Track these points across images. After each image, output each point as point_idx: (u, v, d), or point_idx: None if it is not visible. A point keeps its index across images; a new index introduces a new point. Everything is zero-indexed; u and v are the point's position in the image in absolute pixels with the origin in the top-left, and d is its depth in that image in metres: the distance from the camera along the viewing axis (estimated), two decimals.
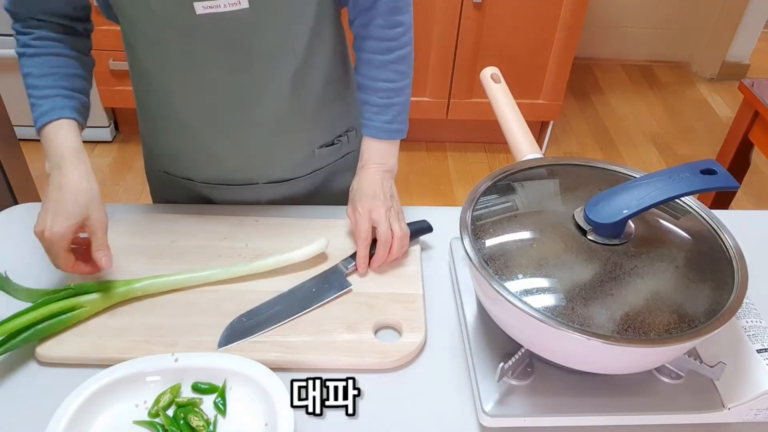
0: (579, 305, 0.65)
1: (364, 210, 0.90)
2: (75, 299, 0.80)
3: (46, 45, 0.85)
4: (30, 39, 0.85)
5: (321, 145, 1.01)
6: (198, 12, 0.80)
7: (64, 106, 0.83)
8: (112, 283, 0.83)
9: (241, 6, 0.80)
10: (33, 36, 0.85)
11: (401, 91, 0.95)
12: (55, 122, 0.82)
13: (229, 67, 0.87)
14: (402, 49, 0.93)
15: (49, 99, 0.83)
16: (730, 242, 0.74)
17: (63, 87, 0.84)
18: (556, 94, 2.53)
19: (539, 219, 0.77)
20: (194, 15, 0.80)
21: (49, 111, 0.82)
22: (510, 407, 0.71)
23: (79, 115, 0.84)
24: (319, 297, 0.85)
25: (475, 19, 2.32)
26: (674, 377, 0.74)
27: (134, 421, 0.70)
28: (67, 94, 0.84)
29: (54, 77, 0.84)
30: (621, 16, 3.32)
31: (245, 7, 0.81)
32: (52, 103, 0.82)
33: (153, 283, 0.84)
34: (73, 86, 0.86)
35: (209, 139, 0.96)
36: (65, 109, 0.82)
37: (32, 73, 0.85)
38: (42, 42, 0.85)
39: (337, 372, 0.77)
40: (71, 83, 0.86)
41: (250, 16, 0.82)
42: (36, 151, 2.72)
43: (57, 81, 0.84)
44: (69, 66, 0.86)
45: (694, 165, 0.70)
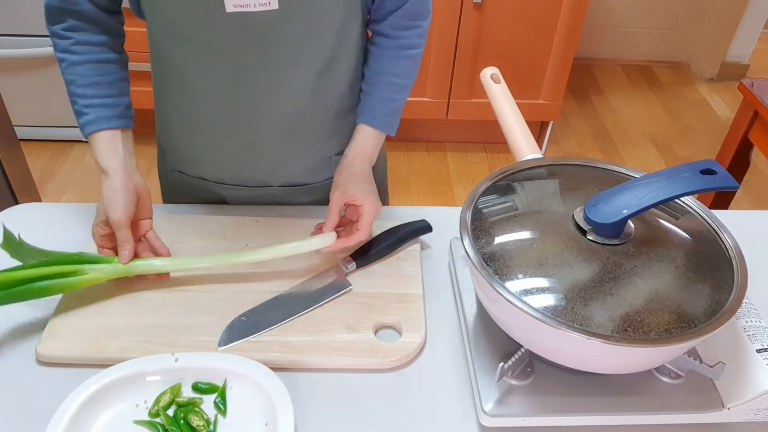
0: (579, 305, 0.65)
1: (372, 207, 0.90)
2: (79, 265, 0.81)
3: (86, 51, 0.87)
4: (70, 44, 0.87)
5: (338, 153, 1.02)
6: (228, 10, 0.81)
7: (107, 116, 0.87)
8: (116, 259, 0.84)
9: (271, 7, 0.81)
10: (73, 41, 0.87)
11: (404, 90, 0.97)
12: (97, 133, 0.87)
13: (253, 66, 0.87)
14: (414, 50, 0.96)
15: (93, 108, 0.87)
16: (730, 242, 0.74)
17: (106, 96, 0.88)
18: (556, 94, 2.53)
19: (539, 219, 0.77)
20: (223, 12, 0.81)
21: (93, 121, 0.87)
22: (510, 407, 0.71)
23: (122, 120, 0.89)
24: (319, 297, 0.85)
25: (475, 19, 2.32)
26: (674, 377, 0.74)
27: (134, 421, 0.71)
28: (110, 102, 0.88)
29: (97, 86, 0.88)
30: (621, 16, 3.32)
31: (275, 8, 0.82)
32: (97, 113, 0.87)
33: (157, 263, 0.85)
34: (114, 92, 0.89)
35: (226, 138, 0.96)
36: (108, 120, 0.87)
37: (76, 82, 0.87)
38: (82, 48, 0.87)
39: (337, 372, 0.78)
40: (113, 90, 0.89)
41: (277, 16, 0.83)
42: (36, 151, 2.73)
43: (100, 90, 0.88)
44: (110, 72, 0.89)
45: (693, 165, 0.70)
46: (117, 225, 0.83)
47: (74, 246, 0.91)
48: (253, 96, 0.90)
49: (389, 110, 0.96)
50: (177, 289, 0.86)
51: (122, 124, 0.88)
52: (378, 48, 0.95)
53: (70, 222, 0.97)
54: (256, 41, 0.85)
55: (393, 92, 0.96)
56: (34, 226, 0.93)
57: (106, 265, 0.83)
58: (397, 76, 0.95)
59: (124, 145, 0.88)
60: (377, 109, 0.96)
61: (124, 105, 0.90)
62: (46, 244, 0.84)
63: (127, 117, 0.90)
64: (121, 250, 0.83)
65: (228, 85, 0.90)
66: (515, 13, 2.32)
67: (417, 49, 0.96)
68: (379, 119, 0.96)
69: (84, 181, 2.44)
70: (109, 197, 0.84)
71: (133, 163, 0.89)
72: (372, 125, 0.96)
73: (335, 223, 0.90)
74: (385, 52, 0.95)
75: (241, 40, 0.85)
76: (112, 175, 0.85)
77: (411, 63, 0.96)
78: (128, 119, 0.90)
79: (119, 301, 0.83)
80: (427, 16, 0.95)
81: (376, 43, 0.95)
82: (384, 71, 0.95)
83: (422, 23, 0.95)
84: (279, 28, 0.84)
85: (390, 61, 0.95)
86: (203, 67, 0.89)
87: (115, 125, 0.88)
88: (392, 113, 0.97)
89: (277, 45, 0.86)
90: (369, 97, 0.96)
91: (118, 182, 0.85)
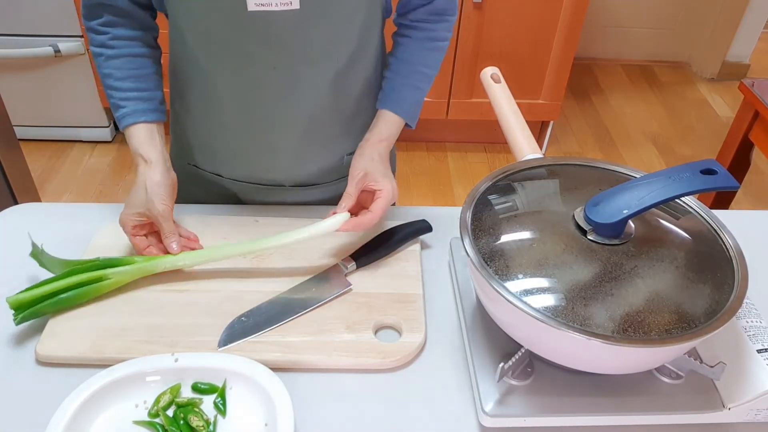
0: (579, 305, 0.65)
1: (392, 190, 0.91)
2: (101, 271, 0.82)
3: (123, 45, 0.89)
4: (107, 39, 0.89)
5: (350, 153, 1.02)
6: (249, 8, 0.82)
7: (144, 109, 0.90)
8: (137, 259, 0.85)
9: (293, 6, 0.82)
10: (110, 36, 0.89)
11: (429, 80, 0.99)
12: (135, 125, 0.89)
13: (273, 64, 0.88)
14: (442, 42, 0.98)
15: (130, 101, 0.89)
16: (730, 242, 0.74)
17: (141, 89, 0.90)
18: (556, 94, 2.53)
19: (539, 219, 0.77)
20: (245, 11, 0.82)
21: (130, 114, 0.89)
22: (510, 407, 0.71)
23: (157, 114, 0.91)
24: (319, 297, 0.85)
25: (475, 19, 2.32)
26: (674, 377, 0.74)
27: (134, 421, 0.70)
28: (146, 96, 0.90)
29: (133, 80, 0.90)
30: (621, 16, 3.32)
31: (296, 8, 0.82)
32: (134, 107, 0.89)
33: (177, 259, 0.85)
34: (149, 86, 0.91)
35: (244, 137, 0.97)
36: (145, 113, 0.90)
37: (113, 75, 0.89)
38: (119, 42, 0.89)
39: (337, 372, 0.77)
40: (148, 83, 0.91)
41: (299, 16, 0.83)
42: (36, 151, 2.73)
43: (136, 83, 0.90)
44: (145, 66, 0.92)
45: (694, 165, 0.70)
46: (163, 217, 0.85)
47: (74, 246, 0.91)
48: (273, 95, 0.91)
49: (415, 99, 0.98)
50: (177, 289, 0.86)
51: (157, 117, 0.90)
52: (407, 39, 0.97)
53: (70, 222, 0.97)
54: (278, 41, 0.85)
55: (420, 81, 0.97)
56: (33, 226, 0.93)
57: (127, 267, 0.83)
58: (425, 66, 0.97)
59: (161, 139, 0.90)
60: (404, 97, 0.96)
61: (159, 99, 0.92)
62: (46, 244, 0.85)
63: (161, 111, 0.92)
64: (170, 242, 0.86)
65: (249, 84, 0.90)
66: (515, 13, 2.32)
67: (444, 42, 0.98)
68: (404, 107, 0.96)
69: (83, 181, 2.44)
70: (153, 190, 0.86)
71: (167, 156, 0.90)
72: (397, 112, 0.96)
73: (352, 203, 0.90)
74: (414, 42, 0.96)
75: (263, 39, 0.85)
76: (155, 168, 0.87)
77: (439, 54, 0.98)
78: (162, 113, 0.92)
79: (119, 301, 0.83)
80: (454, 12, 0.97)
81: (405, 34, 0.97)
82: (413, 60, 0.96)
83: (450, 18, 0.97)
84: (301, 29, 0.85)
85: (419, 51, 0.96)
86: (225, 66, 0.89)
87: (152, 118, 0.90)
88: (417, 103, 0.98)
89: (298, 45, 0.86)
90: (395, 85, 0.97)
91: (160, 175, 0.87)
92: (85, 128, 2.59)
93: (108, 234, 0.93)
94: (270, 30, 0.84)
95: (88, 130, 2.60)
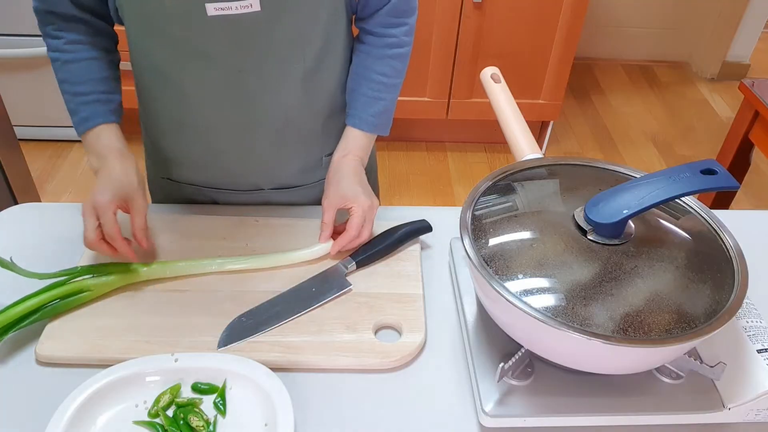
0: (579, 305, 0.65)
1: (365, 206, 0.90)
2: (81, 282, 0.81)
3: (78, 50, 0.88)
4: (62, 44, 0.87)
5: (329, 154, 1.01)
6: (209, 14, 0.81)
7: (103, 111, 0.87)
8: (119, 267, 0.84)
9: (253, 9, 0.81)
10: (64, 40, 0.87)
11: (392, 89, 0.96)
12: (95, 128, 0.87)
13: (239, 68, 0.87)
14: (401, 48, 0.94)
15: (88, 105, 0.87)
16: (730, 242, 0.74)
17: (99, 92, 0.88)
18: (556, 94, 2.53)
19: (539, 219, 0.77)
20: (206, 16, 0.81)
21: (89, 117, 0.87)
22: (510, 407, 0.71)
23: (116, 115, 0.89)
24: (319, 297, 0.85)
25: (475, 19, 2.32)
26: (674, 377, 0.74)
27: (134, 421, 0.70)
28: (104, 98, 0.88)
29: (90, 83, 0.88)
30: (621, 16, 3.32)
31: (257, 10, 0.81)
32: (92, 109, 0.87)
33: (158, 268, 0.85)
34: (107, 89, 0.89)
35: (216, 141, 0.96)
36: (105, 114, 0.87)
37: (68, 80, 0.88)
38: (74, 47, 0.88)
39: (337, 372, 0.77)
40: (105, 86, 0.89)
41: (261, 18, 0.82)
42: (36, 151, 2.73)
43: (93, 87, 0.88)
44: (101, 69, 0.89)
45: (694, 165, 0.70)
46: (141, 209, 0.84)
47: (74, 246, 0.91)
48: (243, 98, 0.90)
49: (377, 110, 0.95)
50: (177, 289, 0.86)
51: (116, 119, 0.88)
52: (365, 46, 0.95)
53: (70, 222, 0.97)
54: (243, 43, 0.85)
55: (380, 91, 0.95)
56: (33, 226, 0.93)
57: (108, 276, 0.83)
58: (384, 75, 0.94)
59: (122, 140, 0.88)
60: (363, 110, 0.95)
61: (118, 102, 0.90)
62: (46, 243, 0.85)
63: (119, 114, 0.90)
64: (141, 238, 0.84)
65: (217, 88, 0.89)
66: (515, 13, 2.32)
67: (405, 48, 0.95)
68: (365, 120, 0.95)
69: (83, 181, 2.44)
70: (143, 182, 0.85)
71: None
72: (358, 127, 0.95)
73: (329, 232, 0.90)
74: (372, 50, 0.94)
75: (228, 42, 0.84)
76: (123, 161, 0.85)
77: (399, 62, 0.95)
78: (120, 116, 0.90)
79: (119, 301, 0.83)
80: (413, 13, 0.94)
81: (364, 41, 0.95)
82: (370, 70, 0.94)
83: (408, 20, 0.94)
84: (265, 30, 0.84)
85: (377, 60, 0.94)
86: (192, 72, 0.88)
87: (112, 119, 0.88)
88: (381, 113, 0.96)
89: (264, 47, 0.85)
90: (355, 97, 0.96)
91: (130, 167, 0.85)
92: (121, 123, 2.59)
93: None
94: (233, 33, 0.83)
95: None
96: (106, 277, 0.83)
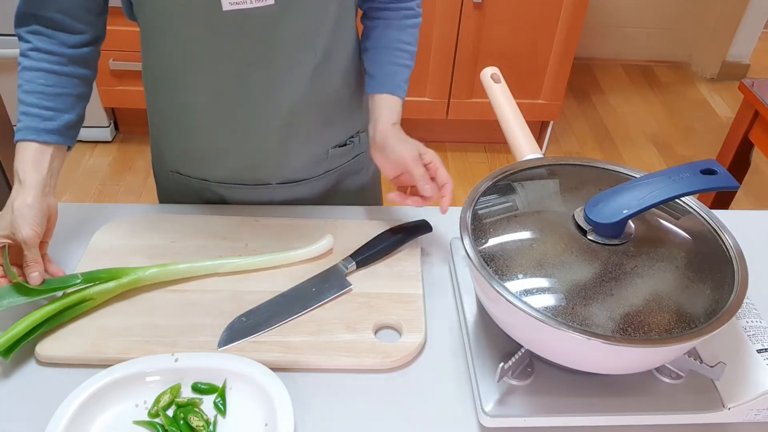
0: (579, 305, 0.65)
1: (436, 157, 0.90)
2: (83, 293, 0.80)
3: (39, 58, 0.84)
4: (27, 49, 0.85)
5: (334, 146, 1.02)
6: (225, 8, 0.81)
7: (38, 129, 0.82)
8: (121, 271, 0.83)
9: (267, 3, 0.82)
10: (30, 46, 0.85)
11: (412, 58, 0.99)
12: (24, 143, 0.82)
13: (250, 62, 0.87)
14: (416, 18, 0.99)
15: (28, 117, 0.83)
16: (730, 242, 0.74)
17: (45, 108, 0.83)
18: (556, 94, 2.53)
19: (539, 219, 0.77)
20: (220, 11, 0.81)
21: (24, 129, 0.82)
22: (510, 407, 0.71)
23: (55, 136, 0.84)
24: (319, 297, 0.85)
25: (475, 19, 2.32)
26: (674, 377, 0.74)
27: (134, 421, 0.70)
28: (48, 115, 0.83)
29: (39, 96, 0.83)
30: (621, 16, 3.32)
31: (270, 4, 0.82)
32: (29, 123, 0.82)
33: (161, 271, 0.84)
34: (58, 106, 0.85)
35: (224, 136, 0.96)
36: (39, 132, 0.82)
37: (21, 87, 0.84)
38: (36, 54, 0.84)
39: (337, 372, 0.77)
40: (56, 103, 0.85)
41: (274, 12, 0.83)
42: None
43: (40, 100, 0.83)
44: (61, 85, 0.85)
45: (694, 165, 0.70)
46: (28, 244, 0.78)
47: (73, 246, 0.92)
48: (251, 93, 0.90)
49: (406, 77, 0.98)
50: (177, 289, 0.86)
51: (55, 140, 0.83)
52: (382, 21, 0.97)
53: (70, 222, 0.97)
54: (255, 38, 0.85)
55: (405, 59, 0.98)
56: None
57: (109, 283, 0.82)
58: (408, 44, 0.98)
59: (51, 163, 0.83)
60: (397, 77, 0.97)
61: (66, 122, 0.85)
62: None
63: (64, 135, 0.85)
64: (31, 271, 0.78)
65: (227, 83, 0.90)
66: (515, 13, 2.32)
67: (418, 18, 0.99)
68: (398, 86, 0.96)
69: (83, 181, 2.44)
70: (21, 212, 0.78)
71: (53, 183, 0.84)
72: (394, 93, 0.96)
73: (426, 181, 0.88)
74: (391, 22, 0.97)
75: (240, 37, 0.85)
76: (28, 191, 0.80)
77: (414, 30, 0.99)
78: (65, 137, 0.85)
79: (119, 301, 0.83)
80: None
81: (381, 17, 0.97)
82: (395, 40, 0.97)
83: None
84: (277, 24, 0.85)
85: (399, 31, 0.97)
86: (202, 67, 0.88)
87: (45, 139, 0.82)
88: (406, 80, 0.98)
89: (275, 41, 0.86)
90: (383, 67, 0.96)
91: (33, 197, 0.79)
92: (84, 128, 2.56)
93: (107, 234, 0.93)
94: (245, 27, 0.84)
95: (88, 130, 2.59)
96: (107, 284, 0.82)
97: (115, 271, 0.84)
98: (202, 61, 0.88)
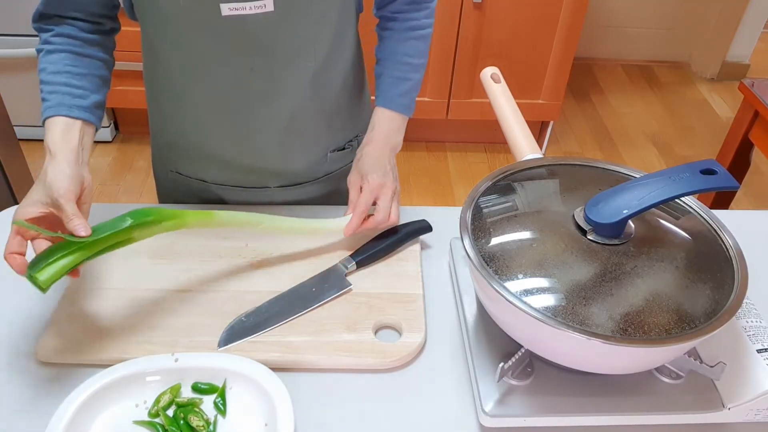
0: (579, 305, 0.65)
1: (373, 184, 0.90)
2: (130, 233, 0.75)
3: (64, 42, 0.85)
4: (50, 36, 0.85)
5: (333, 149, 1.02)
6: (224, 13, 0.81)
7: (69, 104, 0.81)
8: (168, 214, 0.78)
9: (266, 9, 0.82)
10: (53, 33, 0.85)
11: (418, 69, 0.98)
12: (54, 118, 0.80)
13: (250, 67, 0.87)
14: (424, 30, 0.98)
15: (57, 95, 0.82)
16: (730, 242, 0.74)
17: (74, 86, 0.83)
18: (556, 94, 2.53)
19: (539, 219, 0.77)
20: (220, 16, 0.81)
21: (55, 105, 0.81)
22: (510, 407, 0.71)
23: (86, 113, 0.83)
24: (319, 297, 0.85)
25: (475, 19, 2.32)
26: (674, 377, 0.74)
27: (134, 421, 0.71)
28: (78, 93, 0.83)
29: (67, 75, 0.83)
30: (621, 16, 3.32)
31: (270, 10, 0.82)
32: (58, 99, 0.81)
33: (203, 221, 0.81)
34: (84, 84, 0.84)
35: (223, 139, 0.97)
36: (70, 108, 0.81)
37: (46, 69, 0.84)
38: (60, 39, 0.85)
39: (337, 372, 0.77)
40: (84, 82, 0.84)
41: (274, 18, 0.83)
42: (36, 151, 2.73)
43: (69, 79, 0.83)
44: (84, 65, 0.86)
45: (694, 165, 0.70)
46: (66, 198, 0.73)
47: None
48: (251, 98, 0.91)
49: (403, 90, 0.97)
50: (177, 289, 0.86)
51: (85, 116, 0.82)
52: (389, 31, 0.97)
53: None
54: (255, 43, 0.85)
55: (406, 72, 0.97)
56: None
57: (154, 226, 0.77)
58: (409, 56, 0.97)
59: (82, 138, 0.81)
60: (391, 90, 0.97)
61: (94, 101, 0.85)
62: None
63: (94, 113, 0.84)
64: (75, 225, 0.71)
65: (227, 87, 0.90)
66: (515, 13, 2.32)
67: (426, 30, 0.98)
68: (393, 100, 0.97)
69: None
70: (55, 177, 0.74)
71: (85, 157, 0.81)
72: (387, 107, 0.96)
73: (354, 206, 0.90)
74: (395, 34, 0.97)
75: (239, 43, 0.85)
76: (59, 159, 0.76)
77: (422, 43, 0.98)
78: (94, 116, 0.84)
79: (119, 301, 0.83)
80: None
81: (387, 27, 0.97)
82: (396, 52, 0.97)
83: (429, 4, 0.97)
84: (276, 30, 0.85)
85: (401, 43, 0.97)
86: (202, 71, 0.89)
87: (76, 115, 0.81)
88: (407, 93, 0.98)
89: (275, 47, 0.86)
90: (383, 79, 0.97)
91: (64, 165, 0.76)
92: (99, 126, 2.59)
93: None
94: (245, 33, 0.84)
95: None
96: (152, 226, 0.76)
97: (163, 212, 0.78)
98: (202, 66, 0.88)
